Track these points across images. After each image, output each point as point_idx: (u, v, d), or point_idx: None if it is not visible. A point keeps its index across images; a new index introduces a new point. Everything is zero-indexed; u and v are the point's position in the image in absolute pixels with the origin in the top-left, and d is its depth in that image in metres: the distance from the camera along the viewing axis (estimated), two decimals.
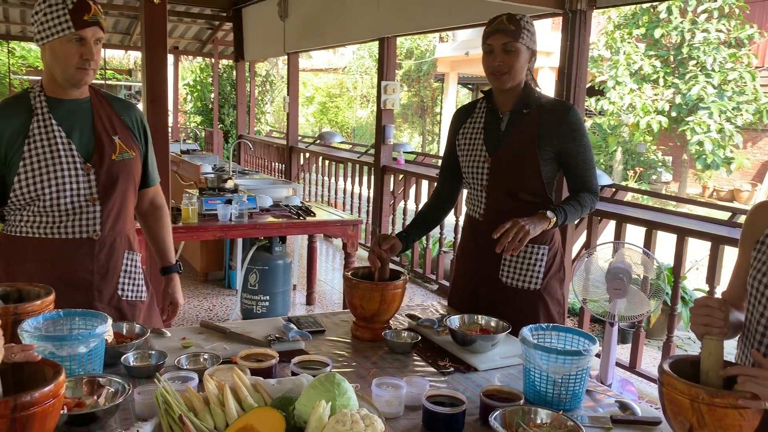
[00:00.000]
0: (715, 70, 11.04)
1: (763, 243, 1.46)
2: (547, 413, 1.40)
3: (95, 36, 1.82)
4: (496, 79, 2.07)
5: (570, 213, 2.07)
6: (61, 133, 1.88)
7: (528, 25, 2.05)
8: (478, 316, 1.95)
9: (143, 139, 2.05)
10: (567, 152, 2.09)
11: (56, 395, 1.10)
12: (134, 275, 2.06)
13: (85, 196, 1.89)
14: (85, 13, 1.79)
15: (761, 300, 1.41)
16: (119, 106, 2.02)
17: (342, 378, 1.32)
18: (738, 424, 1.22)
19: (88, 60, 1.82)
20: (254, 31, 8.41)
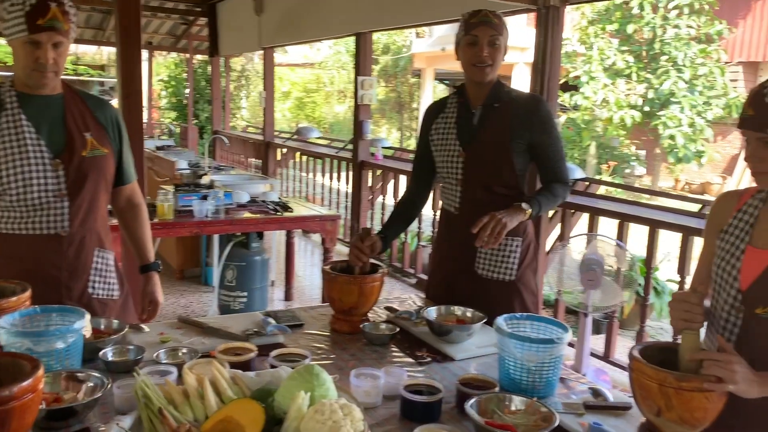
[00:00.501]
0: (686, 65, 11.23)
1: (727, 232, 1.51)
2: (521, 400, 1.44)
3: (52, 40, 1.77)
4: (480, 71, 2.09)
5: (544, 204, 2.11)
6: (30, 128, 1.86)
7: (503, 22, 2.11)
8: (454, 308, 1.98)
9: (117, 136, 2.03)
10: (539, 144, 2.13)
11: (35, 390, 1.10)
12: (105, 273, 2.04)
13: (53, 192, 1.87)
14: (40, 17, 1.74)
15: (725, 287, 1.46)
16: (93, 104, 2.00)
17: (321, 369, 1.34)
18: (703, 406, 1.27)
19: (43, 64, 1.78)
20: (229, 26, 8.36)
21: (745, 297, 1.42)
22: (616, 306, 3.21)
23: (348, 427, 1.20)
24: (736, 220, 1.50)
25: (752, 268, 1.42)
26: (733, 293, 1.44)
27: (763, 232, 1.44)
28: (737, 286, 1.43)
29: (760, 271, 1.40)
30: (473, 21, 2.08)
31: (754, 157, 1.36)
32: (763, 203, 1.48)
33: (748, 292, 1.41)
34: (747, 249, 1.44)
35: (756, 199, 1.50)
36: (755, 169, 1.38)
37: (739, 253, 1.45)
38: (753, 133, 1.35)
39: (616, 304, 3.11)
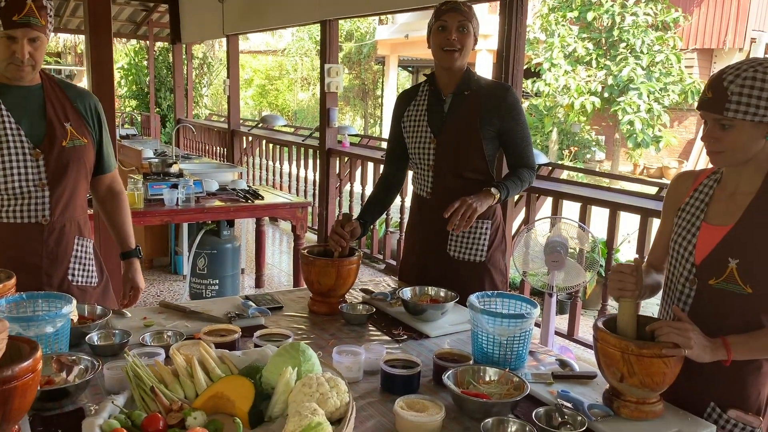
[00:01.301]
0: (643, 52, 11.51)
1: (684, 210, 1.62)
2: (494, 371, 1.53)
3: (27, 36, 1.78)
4: (449, 55, 2.16)
5: (512, 188, 2.20)
6: (9, 119, 1.88)
7: (472, 11, 2.18)
8: (428, 288, 2.07)
9: (97, 126, 2.05)
10: (507, 131, 2.22)
11: (34, 370, 1.14)
12: (85, 261, 2.07)
13: (33, 181, 1.90)
14: (15, 12, 1.75)
15: (681, 261, 1.58)
16: (73, 94, 2.01)
17: (306, 346, 1.40)
18: (662, 371, 1.38)
19: (19, 58, 1.80)
20: (191, 13, 8.26)
21: (699, 270, 1.53)
22: (579, 286, 3.34)
23: (335, 399, 1.28)
24: (692, 199, 1.61)
25: (706, 243, 1.53)
26: (688, 267, 1.56)
27: (717, 210, 1.55)
28: (692, 260, 1.55)
29: (713, 245, 1.52)
30: (442, 7, 2.17)
31: (711, 137, 1.46)
32: (717, 183, 1.59)
33: (702, 265, 1.52)
34: (702, 226, 1.55)
35: (711, 179, 1.61)
36: (710, 149, 1.48)
37: (694, 230, 1.56)
38: (710, 115, 1.44)
39: (579, 284, 3.24)
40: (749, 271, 1.46)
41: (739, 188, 1.53)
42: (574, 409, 1.41)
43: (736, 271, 1.46)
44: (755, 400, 1.53)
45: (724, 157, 1.48)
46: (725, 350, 1.42)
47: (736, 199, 1.52)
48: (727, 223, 1.51)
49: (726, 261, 1.48)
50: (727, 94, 1.40)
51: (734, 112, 1.40)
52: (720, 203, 1.55)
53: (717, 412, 1.52)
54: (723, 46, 12.81)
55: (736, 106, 1.39)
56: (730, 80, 1.40)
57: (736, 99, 1.39)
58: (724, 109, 1.41)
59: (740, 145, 1.44)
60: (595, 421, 1.40)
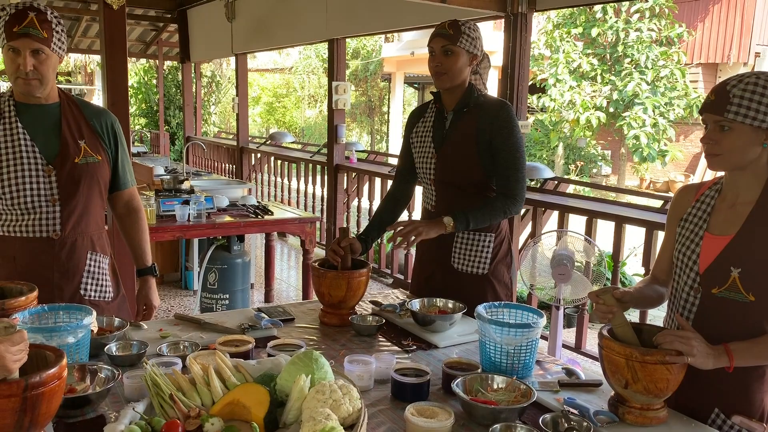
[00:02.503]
0: (648, 67, 11.57)
1: (686, 220, 1.66)
2: (502, 379, 1.57)
3: (30, 47, 1.82)
4: (437, 78, 2.23)
5: (474, 220, 2.19)
6: (25, 136, 1.94)
7: (469, 30, 2.20)
8: (436, 299, 2.11)
9: (113, 143, 2.10)
10: (495, 148, 2.22)
11: (60, 377, 1.19)
12: (98, 276, 2.11)
13: (45, 196, 1.95)
14: (16, 24, 1.80)
15: (685, 270, 1.62)
16: (89, 112, 2.07)
17: (319, 354, 1.45)
18: (666, 378, 1.42)
19: (22, 71, 1.84)
20: (200, 32, 8.39)
21: (702, 279, 1.57)
22: (586, 299, 3.38)
23: (347, 405, 1.32)
24: (694, 209, 1.66)
25: (709, 253, 1.57)
26: (692, 276, 1.60)
27: (719, 220, 1.59)
28: (696, 269, 1.59)
29: (715, 255, 1.56)
30: (432, 34, 2.23)
31: (710, 139, 1.51)
32: (718, 194, 1.63)
33: (705, 274, 1.56)
34: (705, 236, 1.59)
35: (712, 190, 1.65)
36: (709, 151, 1.53)
37: (698, 240, 1.60)
38: (712, 116, 1.50)
39: (586, 297, 3.27)
40: (751, 279, 1.49)
41: (739, 198, 1.57)
42: (580, 415, 1.44)
43: (739, 280, 1.50)
44: (759, 406, 1.56)
45: (722, 160, 1.52)
46: (727, 357, 1.45)
47: (737, 209, 1.56)
48: (729, 232, 1.55)
49: (728, 270, 1.52)
50: (729, 96, 1.46)
51: (735, 114, 1.45)
52: (721, 213, 1.59)
53: (721, 419, 1.55)
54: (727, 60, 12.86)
55: (737, 108, 1.45)
56: (733, 84, 1.47)
57: (737, 101, 1.45)
58: (725, 111, 1.46)
59: (738, 149, 1.48)
60: (601, 427, 1.43)
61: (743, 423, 1.53)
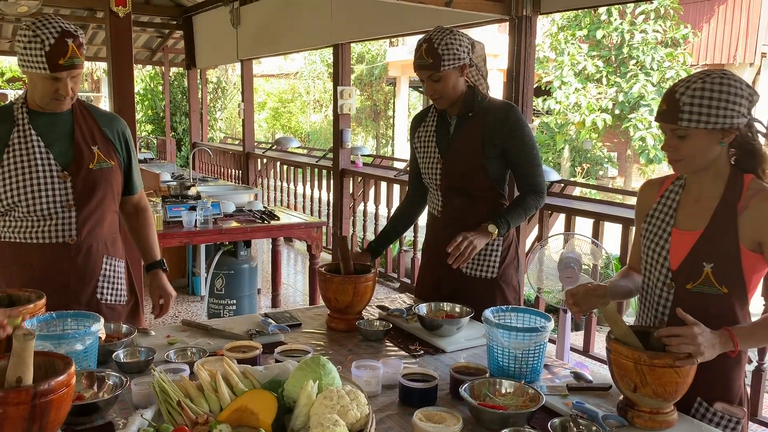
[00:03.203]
0: (653, 68, 11.53)
1: (652, 216, 1.69)
2: (510, 383, 1.56)
3: (70, 75, 1.89)
4: (436, 102, 2.25)
5: (513, 220, 2.23)
6: (39, 143, 1.96)
7: (448, 47, 2.12)
8: (443, 304, 2.11)
9: (124, 149, 2.13)
10: (510, 151, 2.24)
11: (68, 384, 1.20)
12: (114, 280, 2.13)
13: (61, 202, 1.97)
14: (60, 57, 1.83)
15: (656, 266, 1.65)
16: (101, 119, 2.10)
17: (326, 360, 1.45)
18: (675, 381, 1.41)
19: (62, 95, 1.90)
20: (206, 38, 8.43)
21: (676, 275, 1.60)
22: None
23: (355, 410, 1.32)
24: (659, 205, 1.69)
25: (680, 249, 1.60)
26: (663, 272, 1.62)
27: (685, 216, 1.63)
28: (667, 265, 1.61)
29: (687, 251, 1.58)
30: (414, 63, 2.20)
31: (669, 146, 1.55)
32: (681, 189, 1.66)
33: (679, 270, 1.59)
34: (673, 231, 1.62)
35: (675, 185, 1.68)
36: (670, 157, 1.57)
37: (666, 236, 1.63)
38: (667, 126, 1.53)
39: None
40: (723, 273, 1.54)
41: (703, 194, 1.60)
42: (589, 419, 1.44)
43: (712, 275, 1.54)
44: (737, 391, 1.60)
45: (684, 165, 1.56)
46: (732, 342, 1.46)
47: (702, 205, 1.60)
48: (697, 228, 1.58)
49: (701, 265, 1.56)
50: (680, 105, 1.49)
51: (687, 121, 1.48)
52: (687, 209, 1.63)
53: (704, 407, 1.58)
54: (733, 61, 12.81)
55: (689, 116, 1.48)
56: (681, 92, 1.49)
57: (688, 109, 1.48)
58: (678, 119, 1.49)
59: (698, 152, 1.52)
60: (610, 431, 1.43)
61: (725, 409, 1.58)
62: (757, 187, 1.55)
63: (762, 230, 1.51)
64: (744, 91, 1.48)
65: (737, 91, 1.47)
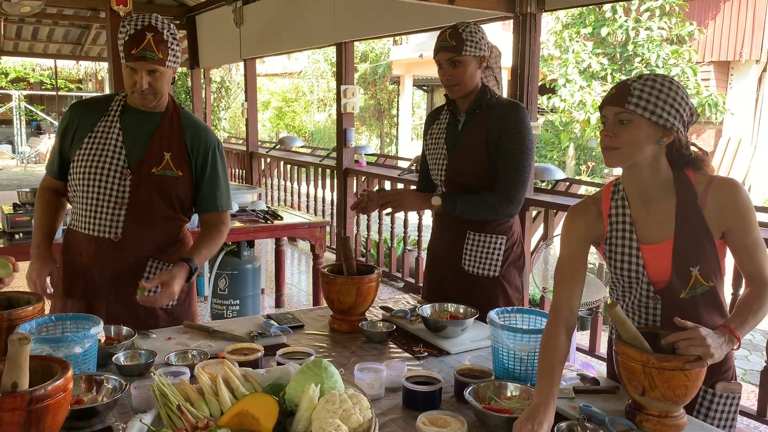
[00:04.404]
0: (659, 66, 11.47)
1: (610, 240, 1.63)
2: (516, 386, 1.54)
3: (146, 68, 1.90)
4: (450, 90, 2.23)
5: (462, 205, 2.17)
6: (119, 136, 2.00)
7: (471, 35, 2.16)
8: (447, 304, 2.08)
9: (201, 163, 2.08)
10: (501, 147, 2.19)
11: (65, 389, 1.17)
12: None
13: (115, 198, 2.00)
14: (134, 46, 1.88)
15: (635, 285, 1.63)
16: (188, 128, 2.08)
17: (328, 363, 1.42)
18: (684, 384, 1.38)
19: (138, 88, 1.92)
20: (209, 38, 8.41)
21: (667, 290, 1.57)
22: (600, 302, 3.33)
23: (357, 415, 1.29)
24: (613, 225, 1.63)
25: (658, 263, 1.57)
26: (644, 287, 1.61)
27: (645, 229, 1.59)
28: (646, 280, 1.59)
29: (668, 263, 1.56)
30: (435, 47, 2.21)
31: (610, 132, 1.52)
32: (626, 202, 1.62)
33: (670, 284, 1.57)
34: (641, 248, 1.59)
35: (616, 201, 1.63)
36: (608, 144, 1.53)
37: (635, 252, 1.60)
38: (612, 109, 1.51)
39: (600, 299, 3.23)
40: (707, 269, 1.55)
41: (653, 202, 1.58)
42: (596, 423, 1.41)
43: (699, 276, 1.55)
44: (731, 367, 1.63)
45: (620, 154, 1.53)
46: (734, 338, 1.45)
47: (658, 213, 1.57)
48: (664, 238, 1.56)
49: (688, 272, 1.55)
50: (630, 89, 1.50)
51: (635, 105, 1.48)
52: (644, 221, 1.60)
53: (710, 393, 1.60)
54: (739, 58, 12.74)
55: (637, 101, 1.48)
56: (633, 80, 1.51)
57: (637, 94, 1.48)
58: (626, 102, 1.49)
59: (636, 143, 1.50)
60: None
61: (726, 388, 1.60)
62: (705, 178, 1.56)
63: (726, 216, 1.53)
64: (689, 103, 1.51)
65: (684, 98, 1.50)
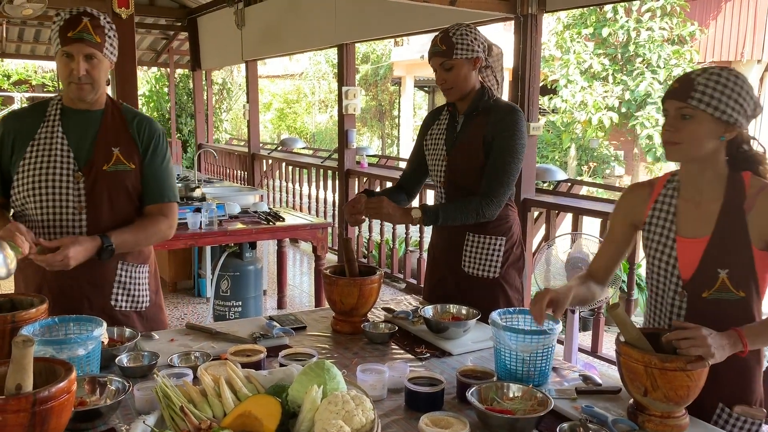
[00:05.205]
0: (660, 66, 11.46)
1: (650, 224, 1.64)
2: (518, 387, 1.54)
3: (83, 52, 1.85)
4: (446, 93, 2.24)
5: (443, 214, 2.16)
6: (63, 140, 1.94)
7: (462, 37, 2.16)
8: (449, 305, 2.08)
9: (146, 153, 2.03)
10: (493, 147, 2.19)
11: (69, 391, 1.18)
12: (129, 286, 2.06)
13: (72, 203, 1.93)
14: (70, 29, 1.84)
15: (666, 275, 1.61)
16: (131, 120, 2.04)
17: (331, 364, 1.43)
18: (686, 385, 1.38)
19: (76, 75, 1.86)
20: (210, 39, 8.43)
21: (690, 285, 1.56)
22: (602, 302, 3.33)
23: (360, 416, 1.30)
24: (656, 212, 1.63)
25: (689, 258, 1.56)
26: (674, 281, 1.59)
27: (687, 222, 1.58)
28: (677, 274, 1.58)
29: (697, 259, 1.54)
30: (428, 52, 2.22)
31: (671, 127, 1.51)
32: (676, 192, 1.61)
33: (693, 280, 1.55)
34: (677, 239, 1.58)
35: (668, 189, 1.63)
36: (669, 139, 1.52)
37: (671, 243, 1.59)
38: (675, 103, 1.50)
39: (602, 300, 3.23)
40: (739, 277, 1.50)
41: (703, 197, 1.56)
42: (598, 424, 1.41)
43: (728, 280, 1.51)
44: (758, 392, 1.58)
45: (681, 149, 1.51)
46: (741, 342, 1.43)
47: (704, 209, 1.55)
48: (703, 234, 1.54)
49: (716, 273, 1.52)
50: (694, 84, 1.47)
51: (698, 101, 1.46)
52: (687, 214, 1.58)
53: (726, 412, 1.56)
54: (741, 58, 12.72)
55: (701, 96, 1.46)
56: (697, 74, 1.49)
57: (701, 89, 1.46)
58: (689, 97, 1.47)
59: (697, 139, 1.48)
60: None
61: (745, 412, 1.55)
62: (760, 184, 1.52)
63: None
64: (753, 97, 1.48)
65: (749, 92, 1.47)
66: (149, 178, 2.04)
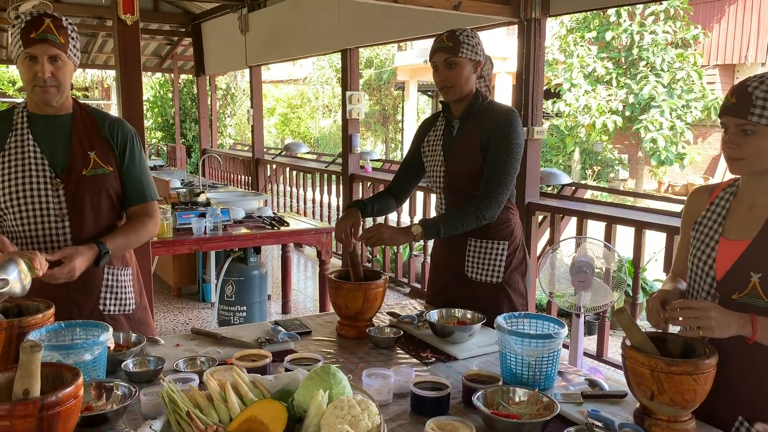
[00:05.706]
0: (664, 69, 11.46)
1: (701, 224, 1.63)
2: (524, 392, 1.54)
3: (47, 53, 1.81)
4: (445, 92, 2.23)
5: (444, 226, 2.13)
6: (35, 148, 1.91)
7: (468, 38, 2.17)
8: (454, 310, 2.08)
9: (123, 155, 2.01)
10: (489, 149, 2.18)
11: (76, 396, 1.18)
12: (117, 290, 2.07)
13: (54, 210, 1.91)
14: (33, 30, 1.79)
15: (701, 275, 1.59)
16: (102, 122, 2.01)
17: (336, 369, 1.43)
18: (692, 388, 1.37)
19: (41, 78, 1.82)
20: (214, 45, 8.46)
21: (720, 285, 1.53)
22: (607, 306, 3.32)
23: (366, 421, 1.29)
24: (708, 212, 1.62)
25: (726, 259, 1.54)
26: (708, 281, 1.56)
27: (734, 224, 1.56)
28: (713, 275, 1.55)
29: (733, 261, 1.52)
30: (432, 49, 2.21)
31: (732, 143, 1.46)
32: (733, 196, 1.59)
33: (724, 280, 1.53)
34: (720, 240, 1.56)
35: (726, 193, 1.61)
36: (731, 155, 1.47)
37: (713, 244, 1.57)
38: (734, 120, 1.45)
39: (607, 304, 3.22)
40: None
41: (757, 201, 1.53)
42: (604, 428, 1.41)
43: (759, 285, 1.46)
44: None
45: (744, 165, 1.47)
46: (751, 327, 1.41)
47: (754, 213, 1.53)
48: (746, 237, 1.52)
49: (748, 276, 1.48)
50: (752, 99, 1.41)
51: (759, 117, 1.41)
52: (737, 217, 1.56)
53: (745, 427, 1.51)
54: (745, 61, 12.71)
55: (761, 111, 1.40)
56: (755, 86, 1.42)
57: (761, 104, 1.40)
58: (749, 114, 1.41)
59: (762, 153, 1.44)
60: None
61: (765, 430, 1.49)
62: None
63: None
64: None
65: None
66: (129, 180, 2.03)
